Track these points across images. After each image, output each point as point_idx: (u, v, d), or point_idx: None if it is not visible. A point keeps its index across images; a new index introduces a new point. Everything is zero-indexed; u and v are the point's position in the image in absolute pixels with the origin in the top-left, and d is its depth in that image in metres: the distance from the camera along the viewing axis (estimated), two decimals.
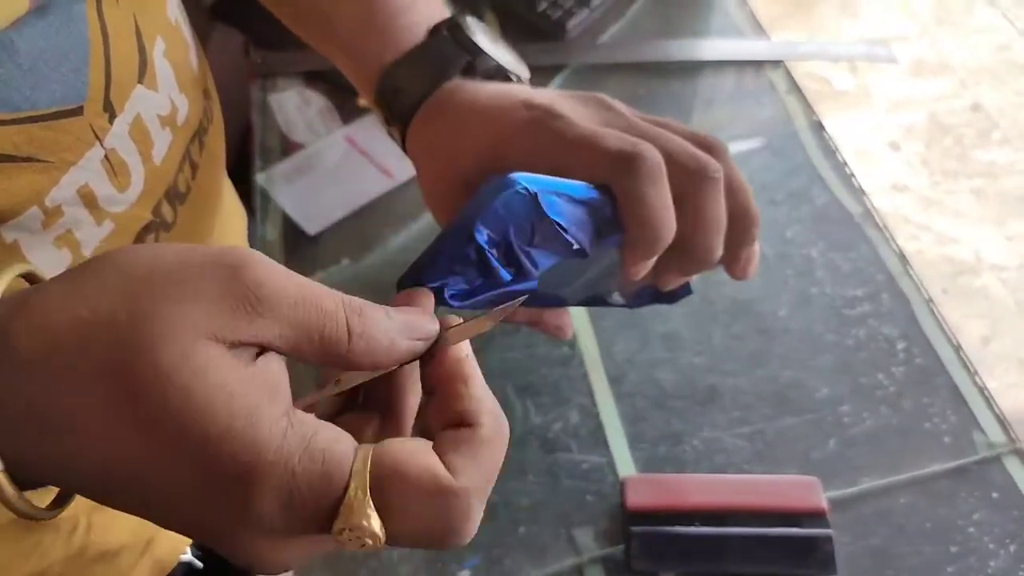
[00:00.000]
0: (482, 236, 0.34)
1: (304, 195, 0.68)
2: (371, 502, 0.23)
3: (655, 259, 0.40)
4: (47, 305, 0.23)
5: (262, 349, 0.24)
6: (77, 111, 0.34)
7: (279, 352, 0.24)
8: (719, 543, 0.49)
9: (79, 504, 0.45)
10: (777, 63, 0.78)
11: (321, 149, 0.72)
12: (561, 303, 0.45)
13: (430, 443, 0.25)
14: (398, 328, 0.26)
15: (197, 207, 0.45)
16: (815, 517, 0.50)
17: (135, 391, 0.21)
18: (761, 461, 0.53)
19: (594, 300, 0.46)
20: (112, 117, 0.36)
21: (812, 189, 0.68)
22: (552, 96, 0.41)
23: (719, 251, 0.41)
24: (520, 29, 0.81)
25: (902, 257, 0.63)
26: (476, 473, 0.25)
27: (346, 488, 0.23)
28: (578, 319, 0.59)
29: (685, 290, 0.47)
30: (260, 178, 0.70)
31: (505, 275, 0.35)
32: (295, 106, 0.76)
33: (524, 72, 0.46)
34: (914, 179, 1.69)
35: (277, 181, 0.70)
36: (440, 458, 0.25)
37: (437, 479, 0.24)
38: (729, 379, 0.57)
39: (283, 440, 0.22)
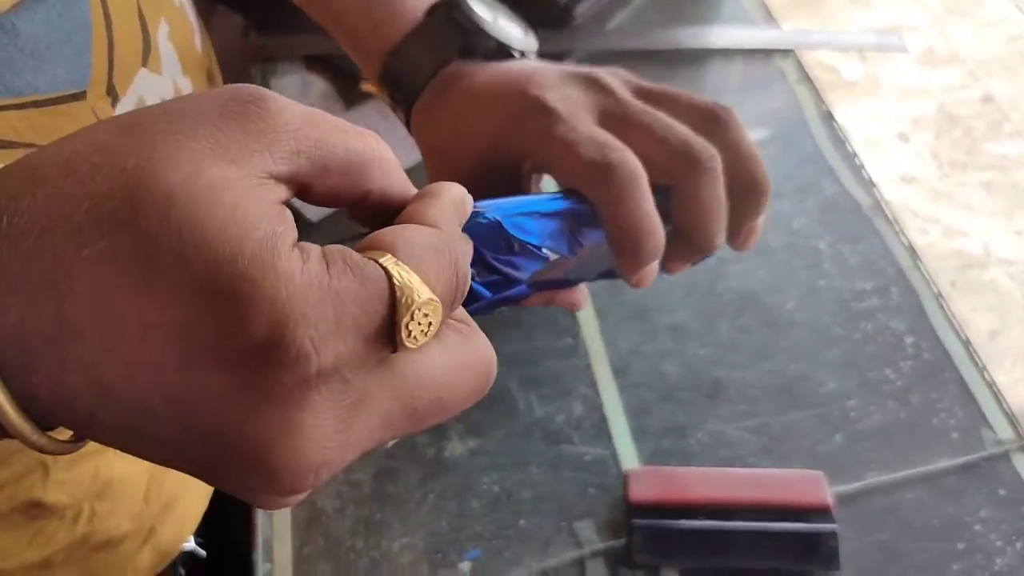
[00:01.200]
0: None
1: None
2: (414, 275, 0.20)
3: (654, 263, 0.39)
4: (32, 155, 0.20)
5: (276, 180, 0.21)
6: (80, 95, 0.33)
7: (298, 180, 0.22)
8: (722, 537, 0.48)
9: (83, 491, 0.44)
10: (787, 52, 0.77)
11: None
12: (574, 284, 0.45)
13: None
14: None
15: None
16: (820, 512, 0.49)
17: (135, 219, 0.18)
18: (767, 455, 0.52)
19: (610, 274, 0.45)
20: (115, 101, 0.35)
21: (821, 180, 0.67)
22: (547, 81, 0.39)
23: (720, 238, 0.39)
24: (526, 14, 0.80)
25: (911, 250, 0.62)
26: (442, 212, 0.24)
27: (389, 278, 0.20)
28: (582, 311, 0.58)
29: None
30: None
31: (486, 293, 0.34)
32: (296, 91, 0.75)
33: (531, 45, 0.45)
34: (923, 171, 1.68)
35: None
36: (415, 219, 0.23)
37: (436, 232, 0.22)
38: (735, 372, 0.56)
39: (305, 262, 0.19)
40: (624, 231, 0.36)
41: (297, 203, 0.69)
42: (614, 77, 0.41)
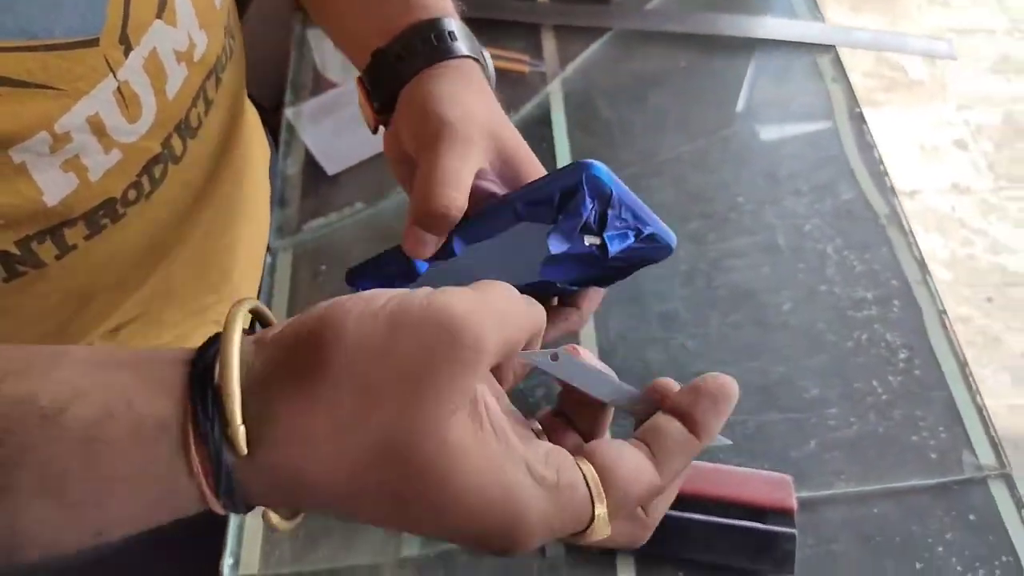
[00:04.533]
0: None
1: (328, 135, 0.69)
2: (608, 522, 0.26)
3: None
4: (286, 408, 0.24)
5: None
6: (93, 42, 0.34)
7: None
8: (679, 528, 0.49)
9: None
10: (828, 48, 0.75)
11: (351, 89, 0.72)
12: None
13: (627, 445, 0.28)
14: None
15: (208, 142, 0.45)
16: (782, 515, 0.49)
17: (406, 493, 0.23)
18: (738, 452, 0.53)
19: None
20: (128, 50, 0.36)
21: (840, 183, 0.66)
22: None
23: None
24: None
25: (922, 264, 0.61)
26: (677, 469, 0.29)
27: (592, 511, 0.26)
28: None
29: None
30: (288, 113, 0.70)
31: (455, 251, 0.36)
32: (332, 43, 0.76)
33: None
34: (977, 181, 1.62)
35: (304, 118, 0.70)
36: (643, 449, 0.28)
37: (651, 485, 0.27)
38: (718, 367, 0.56)
39: (536, 500, 0.24)
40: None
41: (318, 155, 0.69)
42: None
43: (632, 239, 0.37)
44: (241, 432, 0.23)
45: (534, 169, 0.39)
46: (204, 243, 0.49)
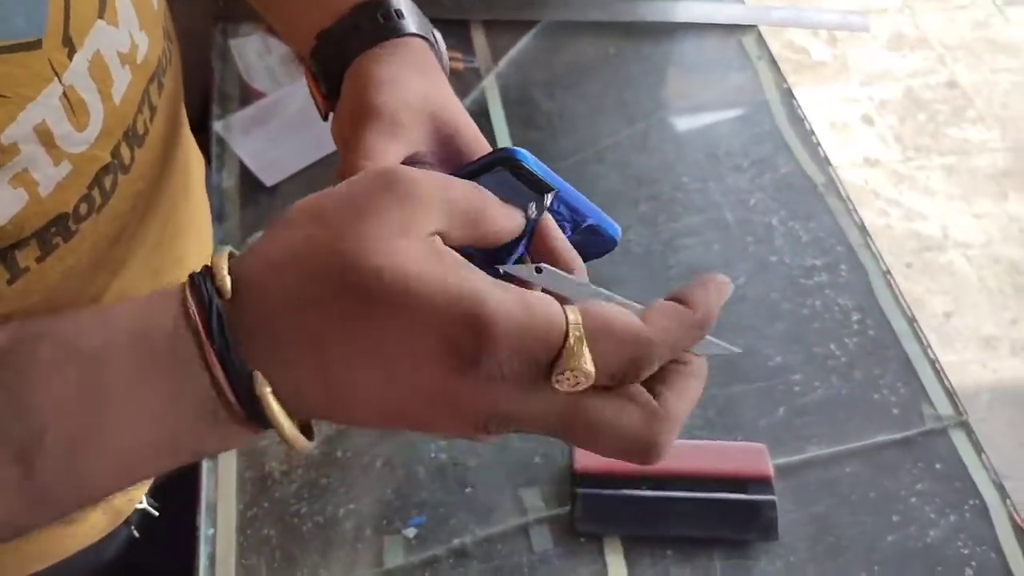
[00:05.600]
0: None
1: (262, 145, 0.67)
2: (586, 348, 0.25)
3: None
4: (259, 248, 0.27)
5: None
6: (36, 44, 0.33)
7: (442, 232, 0.27)
8: (664, 506, 0.49)
9: None
10: (751, 28, 0.77)
11: (281, 98, 0.70)
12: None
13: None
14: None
15: (155, 151, 0.44)
16: (760, 483, 0.50)
17: (361, 293, 0.25)
18: (711, 427, 0.53)
19: None
20: (71, 52, 0.35)
21: (777, 157, 0.67)
22: None
23: None
24: None
25: (863, 229, 0.63)
26: (668, 327, 0.28)
27: (565, 337, 0.25)
28: None
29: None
30: (217, 126, 0.68)
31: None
32: (256, 52, 0.73)
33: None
34: (886, 154, 1.70)
35: (235, 129, 0.68)
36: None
37: (637, 332, 0.26)
38: None
39: (503, 293, 0.25)
40: None
41: (253, 167, 0.67)
42: None
43: (569, 232, 0.34)
44: (228, 281, 0.26)
45: (479, 151, 0.37)
46: (152, 257, 0.47)
